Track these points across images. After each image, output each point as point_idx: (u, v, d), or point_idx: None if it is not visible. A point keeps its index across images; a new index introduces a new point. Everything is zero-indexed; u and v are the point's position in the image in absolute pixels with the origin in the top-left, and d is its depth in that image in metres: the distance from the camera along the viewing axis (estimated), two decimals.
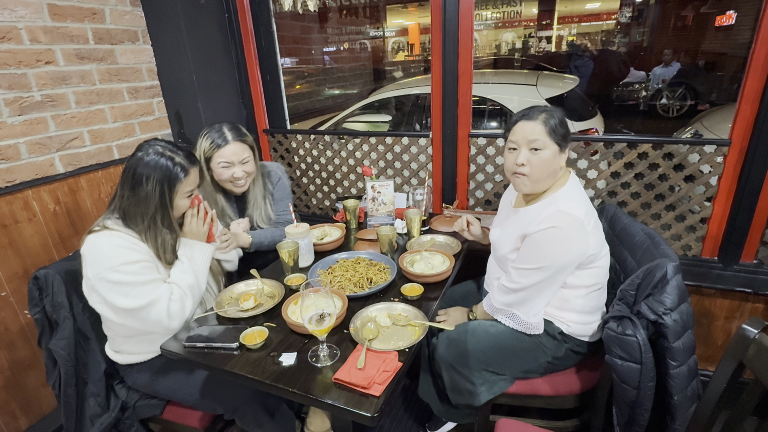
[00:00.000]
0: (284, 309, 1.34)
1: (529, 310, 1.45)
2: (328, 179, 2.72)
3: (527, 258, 1.39)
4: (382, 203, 2.04)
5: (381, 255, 1.70)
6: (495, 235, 1.63)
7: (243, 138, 1.78)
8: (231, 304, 1.47)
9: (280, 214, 1.99)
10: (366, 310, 1.36)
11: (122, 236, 1.32)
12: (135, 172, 1.31)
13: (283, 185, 2.02)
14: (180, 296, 1.35)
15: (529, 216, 1.44)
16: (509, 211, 1.58)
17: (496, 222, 1.68)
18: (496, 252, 1.58)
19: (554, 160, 1.38)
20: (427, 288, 1.49)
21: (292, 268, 1.62)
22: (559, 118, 1.37)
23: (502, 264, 1.55)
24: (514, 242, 1.46)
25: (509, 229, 1.52)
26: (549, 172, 1.39)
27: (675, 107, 7.72)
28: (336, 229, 1.96)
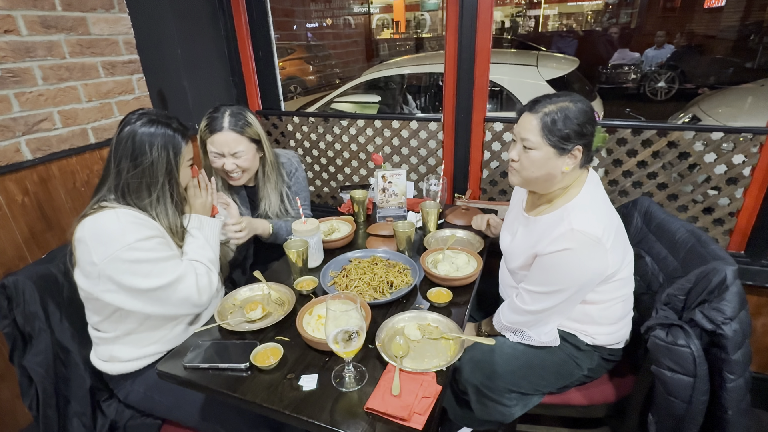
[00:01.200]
0: (299, 321, 1.18)
1: (541, 329, 1.34)
2: (327, 166, 2.53)
3: (539, 281, 1.26)
4: (393, 194, 1.87)
5: (398, 254, 1.54)
6: (505, 241, 1.47)
7: (241, 128, 1.57)
8: (234, 314, 1.30)
9: (299, 210, 1.76)
10: (391, 320, 1.20)
11: (130, 212, 1.18)
12: (135, 140, 1.18)
13: (301, 177, 1.83)
14: (206, 271, 1.27)
15: (539, 230, 1.28)
16: (520, 213, 1.42)
17: (507, 223, 1.52)
18: (508, 262, 1.44)
19: (549, 163, 1.20)
20: (453, 292, 1.34)
21: (301, 270, 1.45)
22: (565, 115, 1.16)
23: (515, 276, 1.42)
24: (524, 257, 1.31)
25: (519, 238, 1.38)
26: (543, 175, 1.23)
27: (663, 91, 7.68)
28: (345, 224, 1.79)
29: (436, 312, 1.24)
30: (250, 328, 1.22)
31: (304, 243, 1.45)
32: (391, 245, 1.64)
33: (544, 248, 1.21)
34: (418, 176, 2.33)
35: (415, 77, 4.40)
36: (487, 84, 1.99)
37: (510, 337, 1.40)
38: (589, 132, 1.20)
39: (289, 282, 1.43)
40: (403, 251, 1.57)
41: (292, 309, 1.28)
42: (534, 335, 1.34)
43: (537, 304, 1.27)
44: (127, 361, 1.28)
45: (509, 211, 1.56)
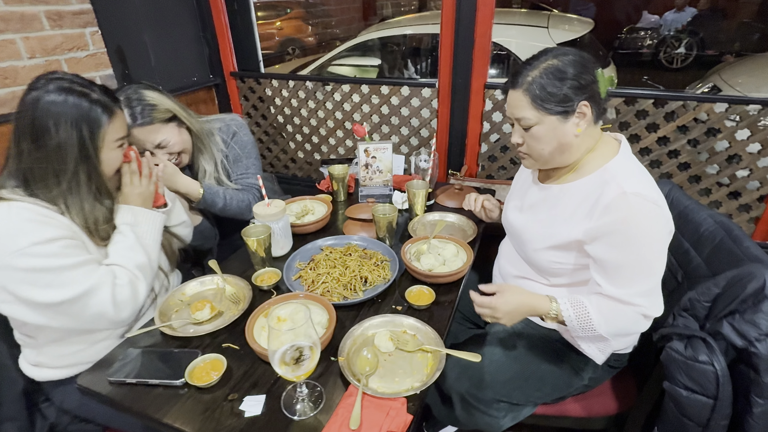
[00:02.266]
0: (250, 326, 0.99)
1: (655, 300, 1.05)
2: (310, 136, 2.29)
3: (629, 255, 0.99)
4: (377, 170, 1.65)
5: (378, 242, 1.34)
6: (515, 220, 1.25)
7: (147, 116, 1.29)
8: (179, 313, 1.11)
9: (239, 177, 1.55)
10: (360, 326, 1.02)
11: (27, 207, 0.94)
12: (36, 114, 0.94)
13: (241, 142, 1.55)
14: (129, 280, 1.03)
15: (570, 199, 1.07)
16: (531, 187, 1.21)
17: (513, 200, 1.30)
18: (524, 246, 1.22)
19: (557, 133, 1.01)
20: (437, 290, 1.15)
21: (263, 261, 1.25)
22: (552, 75, 0.97)
23: (534, 263, 1.20)
24: (551, 236, 1.10)
25: (541, 214, 1.16)
26: (557, 148, 1.03)
27: (680, 58, 7.22)
28: (320, 204, 1.58)
29: (414, 316, 1.06)
30: (196, 332, 1.04)
31: (266, 229, 1.25)
32: (372, 231, 1.43)
33: (595, 222, 1.00)
34: (410, 149, 2.10)
35: (416, 39, 4.06)
36: (489, 45, 1.72)
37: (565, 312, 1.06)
38: (589, 81, 0.99)
39: (250, 274, 1.24)
40: (383, 239, 1.36)
41: (248, 308, 1.10)
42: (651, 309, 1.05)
43: (653, 299, 1.03)
44: (56, 368, 1.11)
45: (514, 184, 1.35)
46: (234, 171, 1.55)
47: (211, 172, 1.49)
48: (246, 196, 1.51)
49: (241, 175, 1.56)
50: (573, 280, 1.15)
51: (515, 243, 1.29)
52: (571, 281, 1.16)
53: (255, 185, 1.54)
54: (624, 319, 1.05)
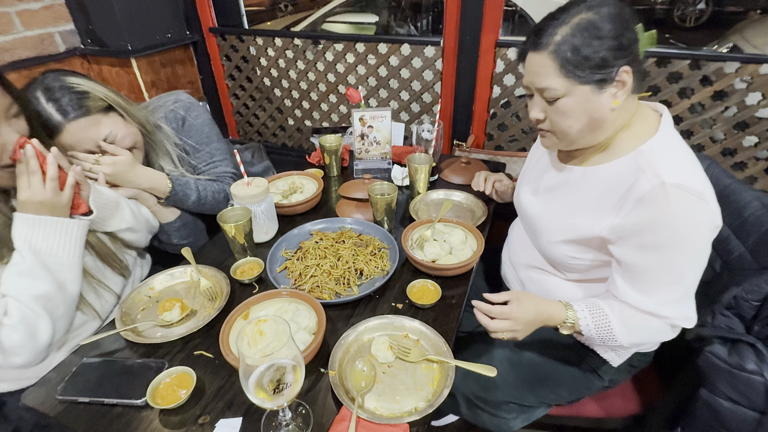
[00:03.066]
0: (225, 331, 0.85)
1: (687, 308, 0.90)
2: (300, 101, 2.08)
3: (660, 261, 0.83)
4: (374, 142, 1.46)
5: (375, 226, 1.18)
6: (529, 205, 1.07)
7: (82, 106, 1.02)
8: (146, 313, 0.97)
9: (206, 168, 1.31)
10: (354, 330, 0.87)
11: None
12: None
13: (194, 128, 1.27)
14: (22, 317, 0.81)
15: (596, 186, 0.90)
16: (549, 166, 1.04)
17: (527, 181, 1.12)
18: (536, 235, 1.06)
19: (590, 106, 0.81)
20: (443, 285, 1.00)
21: (244, 249, 1.09)
22: (589, 32, 0.77)
23: (548, 256, 1.05)
24: (570, 228, 0.94)
25: (559, 200, 0.99)
26: (587, 125, 0.84)
27: (694, 16, 6.79)
28: (310, 181, 1.40)
29: (418, 316, 0.91)
30: (165, 336, 0.89)
31: (246, 213, 1.08)
32: (368, 212, 1.27)
33: (624, 219, 0.82)
34: (411, 116, 1.90)
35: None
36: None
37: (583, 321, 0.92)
38: (631, 41, 0.79)
39: (230, 264, 1.09)
40: (380, 222, 1.20)
41: (226, 305, 0.95)
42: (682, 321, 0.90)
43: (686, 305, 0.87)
44: (2, 381, 0.97)
45: (529, 161, 1.17)
46: (198, 163, 1.30)
47: (171, 170, 1.24)
48: (221, 186, 1.29)
49: (208, 165, 1.31)
50: (590, 277, 1.00)
51: (528, 230, 1.13)
52: (588, 278, 1.01)
53: (227, 173, 1.32)
54: (649, 330, 0.90)
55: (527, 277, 1.13)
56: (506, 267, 1.23)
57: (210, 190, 1.26)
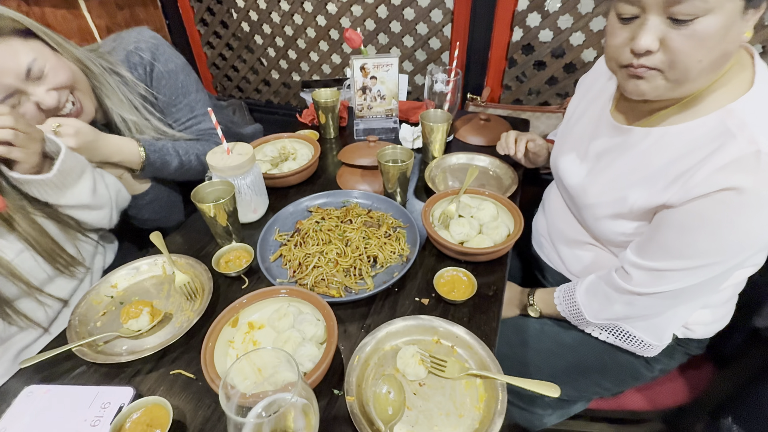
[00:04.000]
0: (208, 344, 0.66)
1: (658, 325, 0.83)
2: (285, 50, 1.79)
3: (673, 248, 0.70)
4: (378, 96, 1.23)
5: (387, 200, 0.97)
6: (571, 173, 0.89)
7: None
8: (108, 319, 0.77)
9: (186, 125, 1.08)
10: (373, 337, 0.69)
11: None
12: None
13: (167, 74, 1.02)
14: None
15: (668, 152, 0.70)
16: (601, 125, 0.84)
17: (568, 143, 0.93)
18: (579, 210, 0.88)
19: (730, 33, 0.60)
20: (476, 272, 0.82)
21: (227, 232, 0.89)
22: None
23: (594, 232, 0.87)
24: (623, 201, 0.76)
25: (612, 168, 0.80)
26: (716, 61, 0.63)
27: None
28: (304, 145, 1.18)
29: (449, 316, 0.74)
30: (131, 350, 0.70)
31: (228, 189, 0.87)
32: (376, 181, 1.06)
33: (694, 187, 0.64)
34: (415, 66, 1.64)
35: None
36: None
37: (597, 335, 0.91)
38: None
39: (210, 252, 0.88)
40: (392, 195, 1.00)
41: (209, 306, 0.76)
42: (641, 333, 0.85)
43: (660, 285, 0.75)
44: None
45: (569, 118, 0.97)
46: (175, 119, 1.07)
47: (136, 120, 0.99)
48: (206, 147, 1.07)
49: (188, 122, 1.08)
50: None
51: (569, 203, 0.94)
52: None
53: (213, 130, 1.09)
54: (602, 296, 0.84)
55: (571, 255, 0.96)
56: (542, 240, 1.06)
57: (194, 152, 1.03)
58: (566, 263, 0.98)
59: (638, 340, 0.86)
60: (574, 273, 0.97)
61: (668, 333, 0.84)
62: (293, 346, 0.67)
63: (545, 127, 1.41)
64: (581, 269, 0.94)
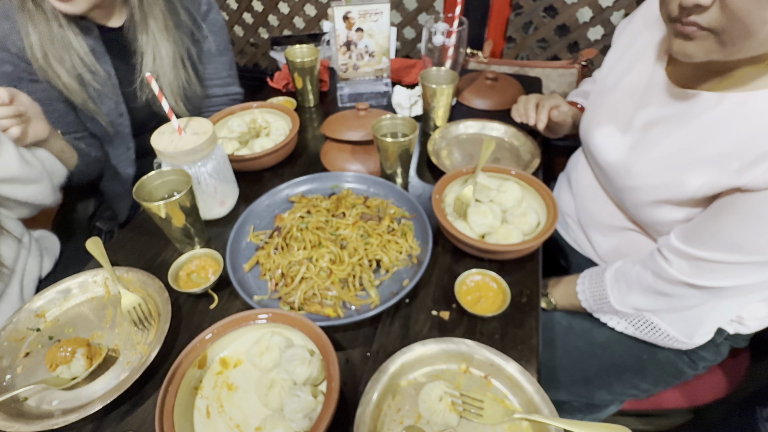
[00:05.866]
0: (167, 401, 0.49)
1: (690, 320, 0.71)
2: (249, 0, 1.53)
3: (739, 241, 0.57)
4: (365, 53, 1.02)
5: (386, 182, 0.79)
6: (608, 149, 0.73)
7: None
8: (32, 362, 0.58)
9: (215, 83, 1.04)
10: (384, 373, 0.53)
11: None
12: None
13: (217, 25, 0.99)
14: None
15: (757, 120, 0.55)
16: (653, 89, 0.68)
17: (608, 113, 0.75)
18: (618, 192, 0.73)
19: None
20: (502, 271, 0.66)
21: (186, 234, 0.69)
22: None
23: (634, 214, 0.73)
24: (677, 186, 0.61)
25: (665, 143, 0.64)
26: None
27: None
28: (278, 116, 0.97)
29: (476, 333, 0.58)
30: (63, 410, 0.53)
31: (182, 179, 0.67)
32: (369, 159, 0.87)
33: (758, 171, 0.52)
34: (404, 17, 1.41)
35: None
36: None
37: (621, 329, 0.78)
38: None
39: (166, 260, 0.70)
40: (391, 176, 0.82)
41: (167, 336, 0.58)
42: (674, 330, 0.73)
43: (703, 278, 0.62)
44: None
45: (604, 81, 0.79)
46: (215, 71, 1.03)
47: (170, 65, 0.90)
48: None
49: (228, 77, 1.05)
50: None
51: (603, 182, 0.79)
52: None
53: (238, 96, 1.09)
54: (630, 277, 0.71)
55: (604, 243, 0.81)
56: (567, 220, 0.91)
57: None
58: (598, 250, 0.84)
59: (664, 333, 0.74)
60: (606, 260, 0.83)
61: (702, 330, 0.72)
62: (281, 392, 0.51)
63: (556, 86, 1.24)
64: (617, 258, 0.80)
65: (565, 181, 0.93)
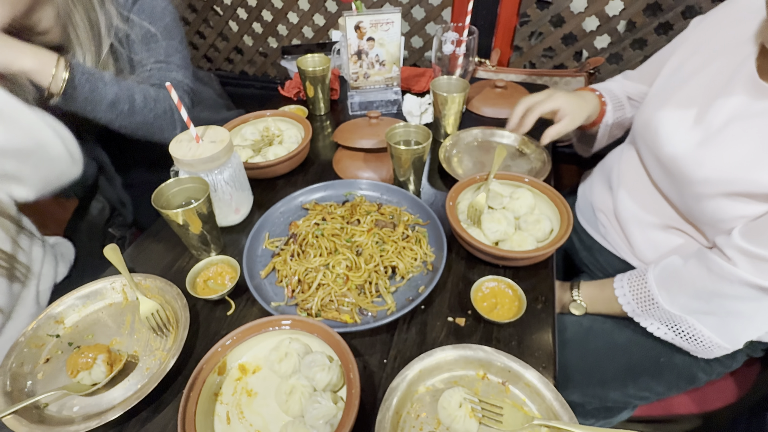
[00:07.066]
0: (189, 408, 0.49)
1: (735, 325, 0.70)
2: (259, 10, 1.55)
3: None
4: (376, 62, 1.03)
5: (399, 189, 0.80)
6: (678, 142, 0.71)
7: None
8: (53, 368, 0.59)
9: (153, 69, 0.90)
10: (403, 378, 0.53)
11: None
12: None
13: (150, 8, 0.89)
14: None
15: None
16: (732, 83, 0.67)
17: (676, 101, 0.74)
18: (681, 187, 0.72)
19: None
20: (517, 277, 0.66)
21: (203, 241, 0.70)
22: None
23: (692, 211, 0.72)
24: (750, 182, 0.61)
25: (743, 138, 0.63)
26: None
27: None
28: (291, 125, 0.98)
29: (492, 340, 0.59)
30: (83, 416, 0.53)
31: (200, 187, 0.68)
32: (382, 166, 0.88)
33: None
34: (411, 26, 1.43)
35: None
36: None
37: (655, 329, 0.76)
38: None
39: (183, 267, 0.70)
40: (404, 184, 0.82)
41: (186, 343, 0.58)
42: (710, 330, 0.71)
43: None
44: None
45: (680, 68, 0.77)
46: (144, 58, 0.90)
47: (92, 56, 0.84)
48: (161, 93, 0.87)
49: (157, 64, 0.90)
50: None
51: (659, 175, 0.77)
52: None
53: (182, 83, 0.92)
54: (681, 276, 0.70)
55: (644, 240, 0.81)
56: (601, 216, 0.90)
57: (141, 92, 0.84)
58: (636, 248, 0.82)
59: (703, 339, 0.72)
60: (643, 260, 0.82)
61: (745, 336, 0.71)
62: (301, 399, 0.51)
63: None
64: (656, 258, 0.79)
65: (600, 177, 0.92)
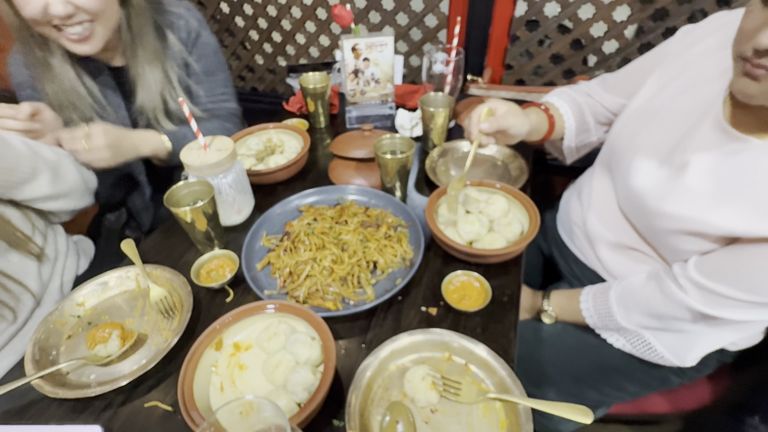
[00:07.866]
0: (188, 371, 0.57)
1: (685, 343, 0.75)
2: (269, 31, 1.67)
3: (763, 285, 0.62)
4: (372, 80, 1.12)
5: (385, 195, 0.88)
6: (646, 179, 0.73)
7: None
8: (73, 343, 0.68)
9: (211, 100, 1.08)
10: (375, 357, 0.61)
11: None
12: None
13: (208, 47, 1.05)
14: None
15: None
16: (702, 125, 0.67)
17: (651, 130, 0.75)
18: (644, 219, 0.74)
19: None
20: (487, 274, 0.73)
21: (208, 238, 0.79)
22: None
23: (655, 242, 0.76)
24: (709, 225, 0.63)
25: (708, 183, 0.64)
26: None
27: None
28: (292, 136, 1.08)
29: (460, 327, 0.65)
30: (98, 381, 0.62)
31: (206, 189, 0.77)
32: (372, 174, 0.97)
33: None
34: (410, 47, 1.53)
35: None
36: None
37: (615, 343, 0.83)
38: None
39: (189, 260, 0.79)
40: (391, 190, 0.90)
41: (189, 325, 0.67)
42: (665, 350, 0.77)
43: (716, 310, 0.66)
44: None
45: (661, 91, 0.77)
46: (209, 90, 1.07)
47: (160, 89, 0.96)
48: (226, 126, 1.09)
49: (222, 94, 1.10)
50: None
51: (625, 205, 0.80)
52: None
53: (233, 111, 1.13)
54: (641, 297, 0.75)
55: (613, 260, 0.85)
56: (575, 229, 0.94)
57: (219, 131, 1.02)
58: (603, 263, 0.87)
59: (656, 352, 0.78)
60: (612, 274, 0.86)
61: (694, 354, 0.75)
62: (285, 371, 0.58)
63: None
64: (623, 273, 0.84)
65: (575, 192, 0.98)
